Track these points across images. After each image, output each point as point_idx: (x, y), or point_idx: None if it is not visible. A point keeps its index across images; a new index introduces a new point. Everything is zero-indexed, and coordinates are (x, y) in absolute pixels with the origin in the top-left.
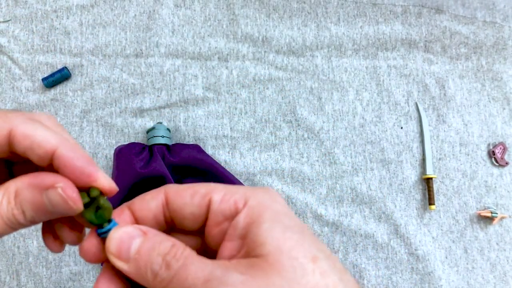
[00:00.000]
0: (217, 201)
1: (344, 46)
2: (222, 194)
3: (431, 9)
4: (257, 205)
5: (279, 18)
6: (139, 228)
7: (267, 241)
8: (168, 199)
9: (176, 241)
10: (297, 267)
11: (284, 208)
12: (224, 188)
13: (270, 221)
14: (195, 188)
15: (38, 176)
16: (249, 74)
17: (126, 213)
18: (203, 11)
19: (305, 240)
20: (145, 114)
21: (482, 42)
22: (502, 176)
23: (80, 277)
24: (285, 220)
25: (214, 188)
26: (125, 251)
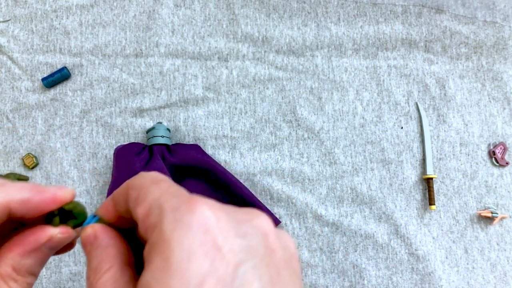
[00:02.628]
0: (139, 218)
1: (344, 46)
2: (144, 212)
3: (431, 9)
4: (154, 244)
5: (279, 18)
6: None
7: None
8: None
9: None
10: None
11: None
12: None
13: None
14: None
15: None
16: (249, 74)
17: (110, 205)
18: (203, 11)
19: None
20: (145, 114)
21: (483, 42)
22: (503, 176)
23: (80, 277)
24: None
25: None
26: (84, 250)
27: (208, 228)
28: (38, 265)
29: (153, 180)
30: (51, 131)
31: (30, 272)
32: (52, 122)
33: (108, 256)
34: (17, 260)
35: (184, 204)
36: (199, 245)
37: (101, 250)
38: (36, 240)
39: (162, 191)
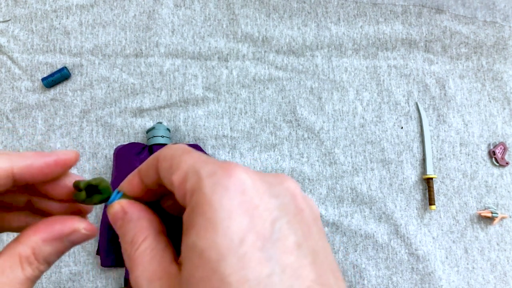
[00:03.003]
0: (176, 186)
1: (344, 46)
2: (180, 179)
3: (431, 9)
4: (195, 207)
5: (279, 18)
6: (123, 207)
7: (185, 264)
8: (158, 170)
9: (138, 233)
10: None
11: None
12: (187, 169)
13: (196, 236)
14: (172, 161)
15: (51, 228)
16: (249, 74)
17: (135, 179)
18: (203, 11)
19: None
20: (145, 114)
21: (483, 42)
22: (503, 176)
23: (79, 277)
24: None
25: (179, 166)
26: (114, 226)
27: (245, 189)
28: (55, 256)
29: (184, 150)
30: (51, 131)
31: (46, 260)
32: (52, 122)
33: (141, 228)
34: (38, 244)
35: (220, 169)
36: (238, 205)
37: (133, 223)
38: (61, 229)
39: (195, 159)
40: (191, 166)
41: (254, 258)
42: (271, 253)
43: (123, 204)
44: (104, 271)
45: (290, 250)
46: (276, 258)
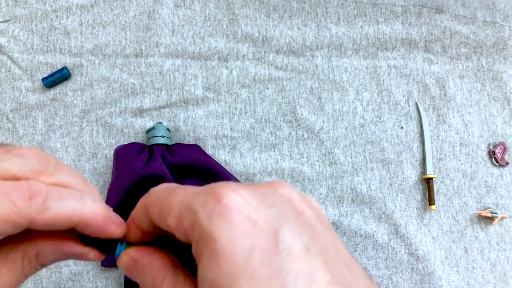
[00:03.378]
0: (174, 228)
1: (344, 46)
2: (176, 221)
3: (431, 9)
4: (198, 241)
5: (279, 18)
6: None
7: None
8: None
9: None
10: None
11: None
12: (179, 208)
13: (204, 269)
14: (161, 206)
15: (63, 246)
16: (249, 74)
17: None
18: (203, 11)
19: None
20: (145, 114)
21: (482, 42)
22: (503, 176)
23: (80, 277)
24: (220, 264)
25: (171, 209)
26: (130, 275)
27: (239, 209)
28: (53, 263)
29: (169, 190)
30: (51, 131)
31: (42, 264)
32: (52, 122)
33: (157, 269)
34: (46, 249)
35: (210, 196)
36: (236, 227)
37: (147, 267)
38: (72, 247)
39: (183, 195)
40: (182, 204)
41: (263, 275)
42: (279, 265)
43: (130, 253)
44: (104, 271)
45: (299, 256)
46: (286, 268)
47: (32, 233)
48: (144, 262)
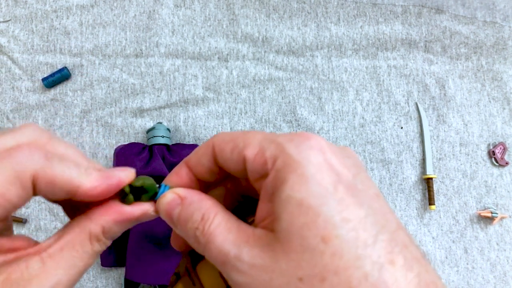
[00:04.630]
0: (250, 159)
1: (344, 46)
2: (255, 151)
3: (431, 9)
4: (283, 167)
5: (279, 18)
6: (178, 194)
7: (282, 216)
8: (215, 154)
9: (209, 208)
10: (306, 248)
11: (318, 167)
12: (259, 142)
13: (290, 190)
14: (235, 141)
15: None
16: (249, 74)
17: (183, 171)
18: (203, 11)
19: (322, 213)
20: (145, 114)
21: (482, 42)
22: (502, 176)
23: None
24: (310, 186)
25: (249, 142)
26: (170, 220)
27: (324, 149)
28: (120, 233)
29: (242, 131)
30: (51, 131)
31: (112, 237)
32: (52, 122)
33: (208, 207)
34: (109, 224)
35: (296, 136)
36: (323, 162)
37: (197, 204)
38: (132, 212)
39: (262, 134)
40: (264, 139)
41: (350, 202)
42: (361, 199)
43: (178, 191)
44: (104, 271)
45: (374, 199)
46: (366, 203)
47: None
48: (193, 199)
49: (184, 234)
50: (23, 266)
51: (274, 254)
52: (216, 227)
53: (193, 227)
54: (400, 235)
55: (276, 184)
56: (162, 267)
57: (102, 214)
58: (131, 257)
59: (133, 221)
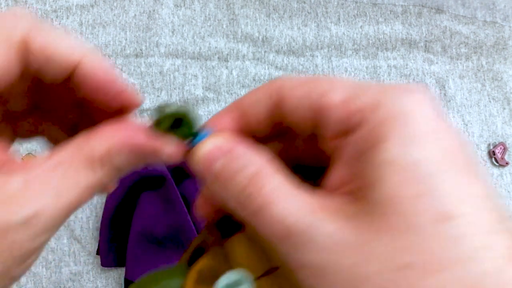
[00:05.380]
0: (334, 107)
1: (344, 46)
2: (342, 97)
3: (431, 9)
4: (385, 120)
5: (279, 18)
6: (222, 144)
7: (381, 183)
8: (280, 100)
9: (262, 165)
10: (415, 228)
11: (433, 125)
12: (348, 88)
13: (396, 150)
14: (310, 85)
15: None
16: (249, 74)
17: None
18: (203, 11)
19: (440, 186)
20: (145, 114)
21: (482, 42)
22: (503, 176)
23: (80, 277)
24: (424, 148)
25: (334, 86)
26: (207, 174)
27: (436, 107)
28: (126, 167)
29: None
30: None
31: (117, 167)
32: None
33: (264, 161)
34: (116, 148)
35: (398, 86)
36: (439, 121)
37: (248, 157)
38: (144, 142)
39: (347, 79)
40: (353, 85)
41: (472, 175)
42: (479, 173)
43: (223, 138)
44: (104, 271)
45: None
46: (483, 179)
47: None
48: (243, 151)
49: (224, 195)
50: (1, 180)
51: (364, 231)
52: (275, 188)
53: (240, 186)
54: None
55: (372, 141)
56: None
57: (107, 136)
58: (131, 257)
59: (146, 154)
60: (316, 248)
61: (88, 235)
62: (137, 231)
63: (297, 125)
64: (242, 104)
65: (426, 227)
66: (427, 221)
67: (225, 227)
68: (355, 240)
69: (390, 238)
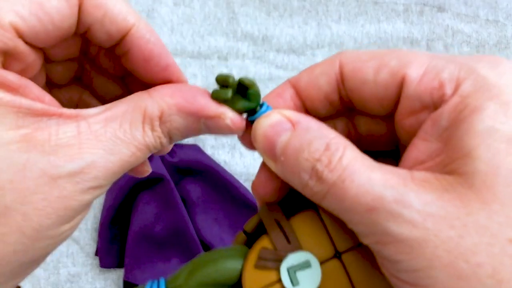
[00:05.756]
0: (414, 80)
1: (345, 44)
2: (422, 70)
3: (433, 7)
4: (475, 91)
5: (280, 17)
6: (288, 117)
7: (478, 152)
8: (344, 75)
9: (335, 138)
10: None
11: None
12: (427, 60)
13: (492, 120)
14: (382, 59)
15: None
16: (249, 73)
17: (287, 93)
18: (202, 9)
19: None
20: None
21: (485, 40)
22: None
23: (78, 279)
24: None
25: (410, 59)
26: (270, 149)
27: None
28: (180, 134)
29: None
30: None
31: (169, 134)
32: None
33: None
34: (172, 109)
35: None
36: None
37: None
38: (205, 106)
39: (424, 52)
40: (433, 57)
41: None
42: None
43: (288, 113)
44: (103, 272)
45: None
46: None
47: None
48: (310, 125)
49: (292, 170)
50: (53, 128)
51: (465, 204)
52: (356, 158)
53: (311, 158)
54: None
55: (463, 113)
56: (161, 268)
57: (166, 94)
58: (130, 258)
59: (201, 120)
60: (410, 220)
61: (87, 236)
62: (136, 231)
63: (365, 102)
64: (299, 82)
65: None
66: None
67: (288, 205)
68: (457, 211)
69: (495, 210)
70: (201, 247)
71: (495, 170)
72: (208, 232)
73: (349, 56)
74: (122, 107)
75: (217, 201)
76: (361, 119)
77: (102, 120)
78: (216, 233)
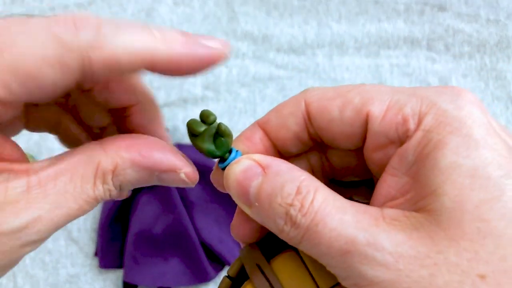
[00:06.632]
0: (378, 116)
1: (345, 44)
2: (385, 106)
3: (434, 7)
4: (437, 126)
5: (280, 16)
6: (258, 161)
7: (444, 189)
8: (311, 114)
9: (306, 180)
10: (488, 234)
11: (485, 128)
12: (389, 95)
13: (455, 155)
14: (346, 96)
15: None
16: (249, 72)
17: (257, 135)
18: (202, 9)
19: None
20: None
21: (486, 40)
22: None
23: (77, 279)
24: (483, 152)
25: (372, 95)
26: (244, 195)
27: (483, 109)
28: (132, 185)
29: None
30: None
31: (121, 186)
32: None
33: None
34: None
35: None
36: (488, 124)
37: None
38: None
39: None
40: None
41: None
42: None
43: (257, 157)
44: (102, 273)
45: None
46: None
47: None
48: (280, 168)
49: (267, 214)
50: (2, 185)
51: (435, 242)
52: (327, 200)
53: (284, 204)
54: None
55: (427, 148)
56: (160, 269)
57: (121, 148)
58: (129, 259)
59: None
60: (383, 263)
61: (86, 237)
62: (135, 232)
63: (333, 139)
64: (268, 123)
65: (500, 233)
66: (500, 227)
67: (268, 247)
68: (427, 250)
69: (464, 247)
70: (201, 248)
71: (462, 206)
72: (207, 232)
73: (314, 94)
74: (73, 160)
75: (217, 202)
76: (333, 153)
77: (52, 174)
78: (215, 234)
